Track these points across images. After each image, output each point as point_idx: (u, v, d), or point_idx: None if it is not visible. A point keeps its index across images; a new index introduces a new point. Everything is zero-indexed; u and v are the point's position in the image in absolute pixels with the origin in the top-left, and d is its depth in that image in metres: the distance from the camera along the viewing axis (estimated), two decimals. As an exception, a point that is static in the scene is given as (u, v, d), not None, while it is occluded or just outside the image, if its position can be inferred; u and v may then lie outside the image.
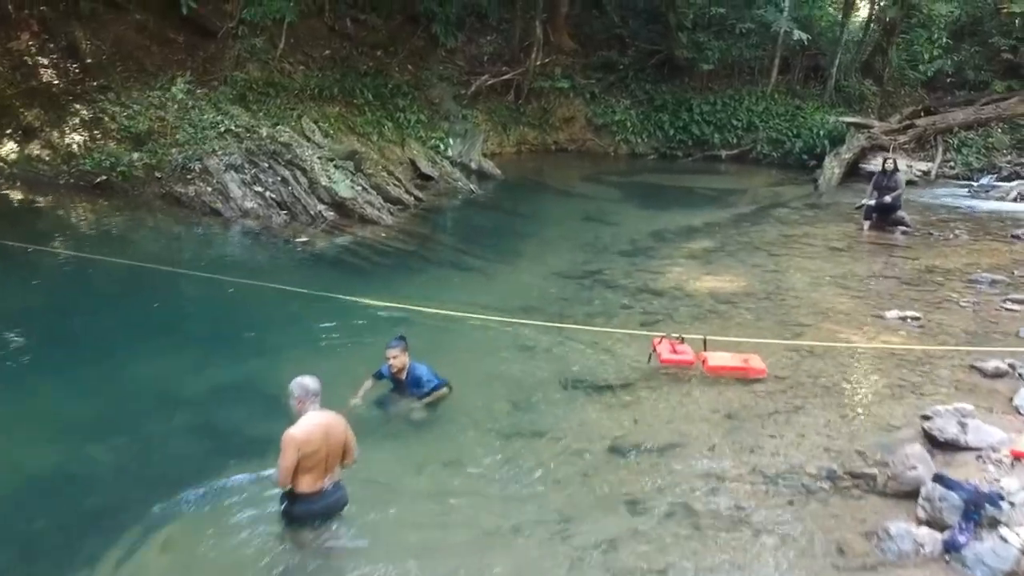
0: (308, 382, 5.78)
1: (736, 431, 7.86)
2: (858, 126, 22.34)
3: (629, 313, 11.14)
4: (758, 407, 8.33)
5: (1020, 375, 8.90)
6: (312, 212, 15.20)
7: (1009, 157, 21.25)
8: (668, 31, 25.09)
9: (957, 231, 15.66)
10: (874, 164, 19.83)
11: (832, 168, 20.51)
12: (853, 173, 20.61)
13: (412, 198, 17.19)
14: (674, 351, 9.19)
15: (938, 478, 6.23)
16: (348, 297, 10.70)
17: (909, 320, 10.81)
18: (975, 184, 20.17)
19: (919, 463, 6.59)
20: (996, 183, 19.99)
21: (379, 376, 8.23)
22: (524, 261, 13.73)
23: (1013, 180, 19.80)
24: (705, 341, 9.27)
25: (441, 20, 23.05)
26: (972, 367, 9.16)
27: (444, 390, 8.14)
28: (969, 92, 24.69)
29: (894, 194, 15.56)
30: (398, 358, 8.00)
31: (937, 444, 7.35)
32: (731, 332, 10.27)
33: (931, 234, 15.47)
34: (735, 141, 23.80)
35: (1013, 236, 15.21)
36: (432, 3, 22.88)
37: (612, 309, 11.29)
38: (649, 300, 11.66)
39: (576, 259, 13.62)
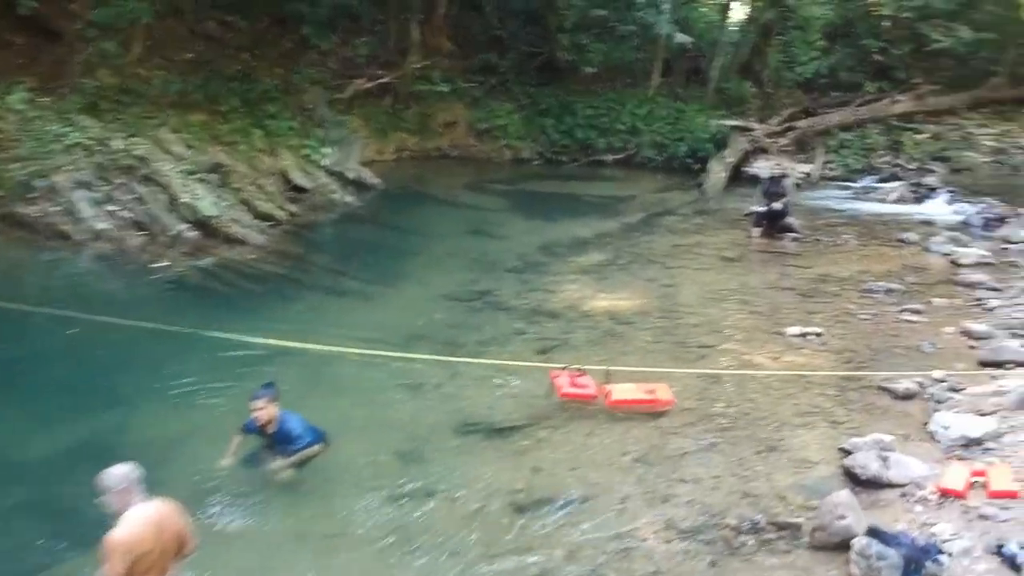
0: (127, 470, 4.78)
1: (647, 477, 7.23)
2: (740, 129, 22.24)
3: (523, 339, 10.40)
4: (668, 447, 7.72)
5: (931, 395, 8.62)
6: (172, 233, 13.81)
7: (887, 158, 21.51)
8: (548, 33, 24.49)
9: (845, 236, 15.51)
10: (757, 167, 19.75)
11: (717, 172, 20.24)
12: (736, 177, 20.39)
13: (284, 213, 15.92)
14: (574, 384, 8.49)
15: (873, 532, 5.69)
16: (212, 333, 9.56)
17: (810, 336, 10.47)
18: (856, 186, 20.30)
19: (848, 512, 6.05)
20: (876, 184, 20.17)
21: (247, 430, 7.20)
22: (408, 282, 12.75)
23: (892, 181, 20.00)
24: (608, 373, 8.61)
25: (312, 21, 21.76)
26: (881, 388, 8.87)
27: (316, 448, 7.12)
28: (844, 93, 24.99)
29: (783, 200, 15.33)
30: (264, 410, 6.95)
31: (859, 482, 6.92)
32: (631, 356, 9.71)
33: (820, 240, 15.26)
34: (620, 145, 23.31)
35: (899, 240, 15.17)
36: (302, 3, 21.56)
37: (505, 335, 10.52)
38: (543, 323, 10.96)
39: (464, 278, 12.73)
